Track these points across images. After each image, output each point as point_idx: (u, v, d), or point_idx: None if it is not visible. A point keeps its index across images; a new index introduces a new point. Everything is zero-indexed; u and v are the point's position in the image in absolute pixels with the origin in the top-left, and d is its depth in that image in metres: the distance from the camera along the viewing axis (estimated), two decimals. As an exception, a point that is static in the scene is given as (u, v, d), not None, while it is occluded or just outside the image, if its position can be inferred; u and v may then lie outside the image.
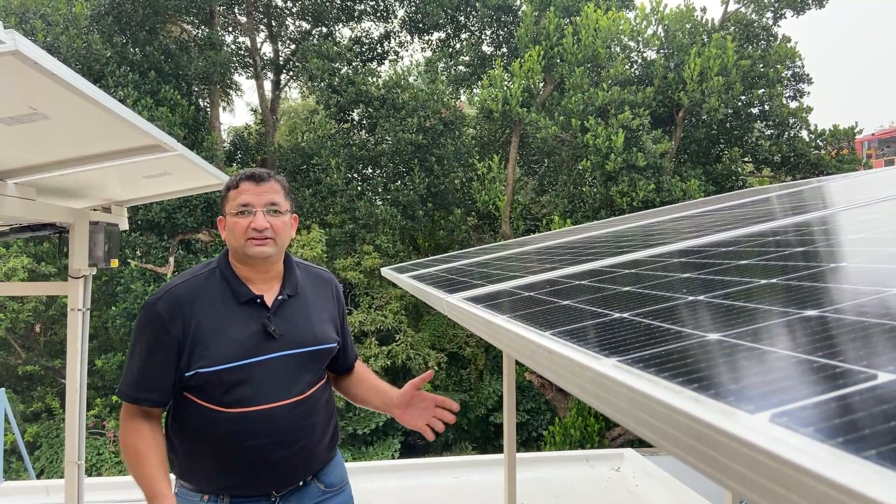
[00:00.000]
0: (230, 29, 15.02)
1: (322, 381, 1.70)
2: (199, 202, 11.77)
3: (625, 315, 0.73)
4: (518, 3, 13.62)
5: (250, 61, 15.24)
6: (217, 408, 1.53)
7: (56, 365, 12.00)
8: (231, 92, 16.05)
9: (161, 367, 1.53)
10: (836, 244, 0.97)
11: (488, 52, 14.90)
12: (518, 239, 3.70)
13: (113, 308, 10.96)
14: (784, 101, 12.47)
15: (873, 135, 24.54)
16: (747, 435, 0.33)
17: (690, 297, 0.75)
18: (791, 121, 12.41)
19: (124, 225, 2.91)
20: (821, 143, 12.29)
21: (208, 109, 13.96)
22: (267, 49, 15.72)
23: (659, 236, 1.73)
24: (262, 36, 15.55)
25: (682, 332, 0.59)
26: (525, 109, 11.01)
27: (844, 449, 0.29)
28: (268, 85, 15.63)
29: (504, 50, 14.60)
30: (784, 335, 0.51)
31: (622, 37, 11.48)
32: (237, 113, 47.97)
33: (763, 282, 0.75)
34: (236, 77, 15.65)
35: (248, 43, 15.17)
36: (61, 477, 3.09)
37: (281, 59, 15.54)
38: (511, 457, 2.86)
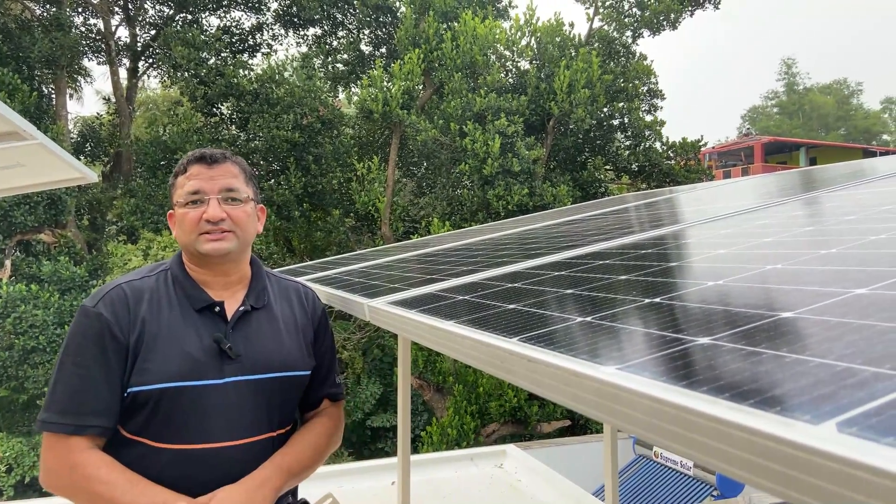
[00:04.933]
0: (80, 9, 13.66)
1: (291, 423, 1.41)
2: (41, 198, 10.56)
3: (588, 319, 0.72)
4: (397, 4, 13.64)
5: (103, 45, 13.96)
6: (150, 442, 1.23)
7: None
8: (80, 78, 14.63)
9: (108, 382, 1.21)
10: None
11: (367, 52, 14.77)
12: (416, 240, 3.67)
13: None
14: (641, 115, 13.54)
15: (713, 148, 27.45)
16: (828, 447, 0.32)
17: (647, 300, 0.76)
18: (647, 133, 13.50)
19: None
20: (671, 154, 13.48)
21: (53, 96, 12.60)
22: (122, 33, 14.49)
23: (579, 238, 1.77)
24: (116, 19, 14.31)
25: (666, 337, 0.58)
26: (405, 111, 11.04)
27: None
28: (123, 72, 14.42)
29: (383, 50, 14.55)
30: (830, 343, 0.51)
31: (498, 46, 11.87)
32: (86, 101, 43.90)
33: (693, 283, 0.77)
34: (86, 62, 14.30)
35: (101, 25, 13.88)
36: None
37: (139, 44, 14.39)
38: (405, 461, 2.82)
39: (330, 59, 14.86)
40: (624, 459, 6.78)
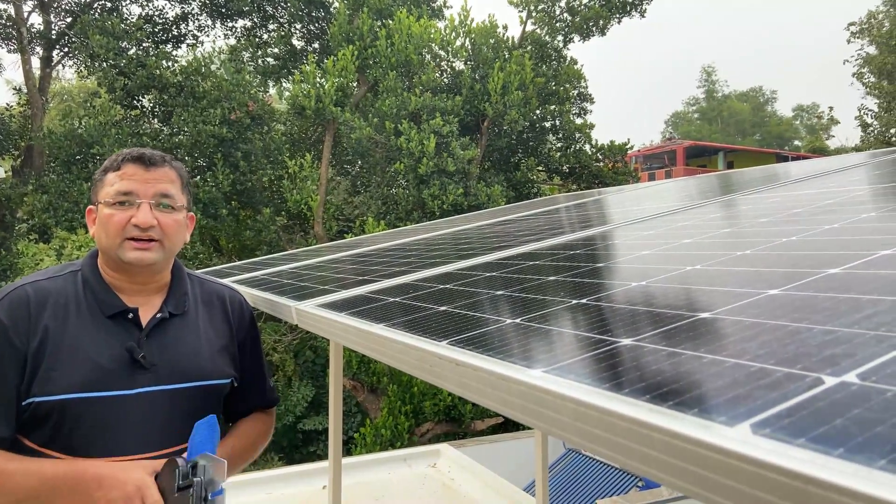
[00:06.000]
0: (-13, -8, 12.76)
1: None
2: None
3: (517, 321, 0.72)
4: (331, -1, 13.44)
5: (14, 32, 13.09)
6: (57, 454, 1.16)
7: None
8: (-13, 66, 13.69)
9: (2, 391, 1.15)
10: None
11: (299, 47, 14.47)
12: (350, 240, 3.62)
13: None
14: (571, 118, 13.88)
15: (639, 151, 28.53)
16: (742, 449, 0.33)
17: (575, 301, 0.77)
18: (577, 135, 13.85)
19: None
20: (600, 157, 13.89)
21: (-44, 84, 11.72)
22: (36, 20, 13.64)
23: (514, 238, 1.78)
24: (29, 4, 13.44)
25: (592, 338, 0.59)
26: (339, 109, 10.88)
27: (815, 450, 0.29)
28: (36, 61, 13.56)
29: (316, 46, 14.28)
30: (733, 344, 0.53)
31: (433, 45, 11.87)
32: (-6, 91, 41.07)
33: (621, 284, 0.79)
34: (-6, 49, 13.38)
35: (12, 11, 13.01)
36: None
37: (53, 32, 13.56)
38: (337, 464, 2.77)
39: (260, 52, 14.47)
40: (555, 454, 6.94)
